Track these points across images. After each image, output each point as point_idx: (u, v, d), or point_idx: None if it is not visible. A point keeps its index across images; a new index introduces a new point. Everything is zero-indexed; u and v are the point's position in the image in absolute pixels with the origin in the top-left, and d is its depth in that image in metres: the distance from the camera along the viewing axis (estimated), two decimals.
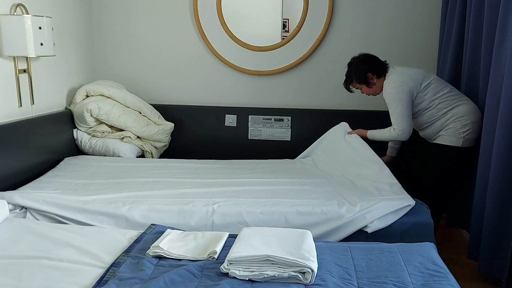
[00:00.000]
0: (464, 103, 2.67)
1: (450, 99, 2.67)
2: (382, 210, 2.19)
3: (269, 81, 3.60)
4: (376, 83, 2.77)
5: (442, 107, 2.67)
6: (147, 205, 2.24)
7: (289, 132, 3.56)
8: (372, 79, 2.76)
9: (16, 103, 2.68)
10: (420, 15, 3.39)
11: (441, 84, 2.71)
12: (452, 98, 2.67)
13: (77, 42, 3.38)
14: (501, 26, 2.29)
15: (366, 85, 2.79)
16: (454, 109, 2.65)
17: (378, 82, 2.77)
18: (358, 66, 2.78)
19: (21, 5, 2.65)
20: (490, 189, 2.32)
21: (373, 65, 2.76)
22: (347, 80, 2.83)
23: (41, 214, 2.22)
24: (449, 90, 2.70)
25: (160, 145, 3.43)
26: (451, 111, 2.66)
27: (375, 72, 2.75)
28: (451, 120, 2.65)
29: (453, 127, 2.65)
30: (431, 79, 2.70)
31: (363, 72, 2.75)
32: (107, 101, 3.19)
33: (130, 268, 1.64)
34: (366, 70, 2.75)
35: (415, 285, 1.53)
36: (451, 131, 2.65)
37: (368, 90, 2.81)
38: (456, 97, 2.69)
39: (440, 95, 2.67)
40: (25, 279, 1.57)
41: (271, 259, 1.58)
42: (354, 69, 2.78)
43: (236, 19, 3.51)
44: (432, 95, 2.68)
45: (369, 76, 2.75)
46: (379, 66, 2.76)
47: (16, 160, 2.54)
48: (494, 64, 2.35)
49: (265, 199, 2.32)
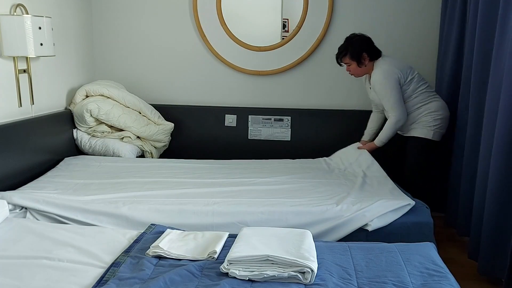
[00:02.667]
0: (437, 100, 2.88)
1: (425, 95, 2.86)
2: (381, 208, 2.20)
3: (269, 81, 3.60)
4: (367, 65, 2.85)
5: (417, 101, 2.85)
6: (147, 205, 2.24)
7: (289, 132, 3.56)
8: (365, 59, 2.83)
9: (16, 103, 2.68)
10: (420, 15, 3.39)
11: (421, 80, 2.87)
12: (428, 94, 2.86)
13: (77, 42, 3.38)
14: (501, 26, 2.29)
15: (357, 63, 2.84)
16: (428, 104, 2.85)
17: (368, 64, 2.85)
18: (357, 43, 2.84)
19: (21, 5, 2.65)
20: (490, 189, 2.32)
21: (370, 46, 2.85)
22: (341, 52, 2.87)
23: (41, 214, 2.22)
24: (426, 87, 2.87)
25: (160, 145, 3.43)
26: (424, 105, 2.85)
27: (370, 54, 2.84)
28: (423, 114, 2.85)
29: (425, 120, 2.85)
30: (415, 74, 2.86)
31: (360, 50, 2.82)
32: (107, 101, 3.19)
33: (130, 268, 1.64)
34: (363, 49, 2.82)
35: (415, 285, 1.54)
36: (423, 124, 2.86)
37: (356, 69, 2.87)
38: (430, 93, 2.88)
39: (418, 90, 2.85)
40: (25, 279, 1.57)
41: (271, 259, 1.58)
42: (353, 44, 2.83)
43: (236, 19, 3.51)
44: (413, 89, 2.84)
45: (364, 56, 2.82)
46: (375, 50, 2.86)
47: (16, 160, 2.54)
48: (494, 64, 2.35)
49: (265, 199, 2.32)
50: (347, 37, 2.90)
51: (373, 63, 2.86)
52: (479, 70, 2.61)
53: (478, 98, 2.66)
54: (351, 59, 2.84)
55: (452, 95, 3.03)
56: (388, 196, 2.34)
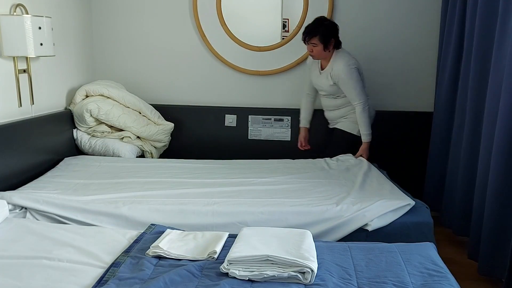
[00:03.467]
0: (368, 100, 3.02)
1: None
2: (381, 208, 2.19)
3: (269, 81, 3.60)
4: (330, 51, 2.94)
5: None
6: (147, 205, 2.24)
7: (289, 132, 3.56)
8: (331, 45, 2.91)
9: (16, 103, 2.68)
10: (420, 15, 3.39)
11: (363, 78, 3.03)
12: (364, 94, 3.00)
13: (77, 42, 3.38)
14: (501, 26, 2.29)
15: (323, 47, 2.89)
16: None
17: (331, 51, 2.94)
18: (329, 27, 2.91)
19: (21, 5, 2.65)
20: (489, 189, 2.32)
21: (337, 36, 2.95)
22: (311, 32, 2.89)
23: (41, 214, 2.22)
24: (363, 85, 3.01)
25: (160, 145, 3.43)
26: None
27: (336, 42, 2.94)
28: (353, 111, 3.02)
29: (353, 116, 3.03)
30: (362, 70, 3.02)
31: (331, 35, 2.90)
32: (106, 101, 3.19)
33: (130, 268, 1.64)
34: (333, 35, 2.91)
35: (415, 285, 1.53)
36: (351, 119, 3.06)
37: (321, 52, 2.92)
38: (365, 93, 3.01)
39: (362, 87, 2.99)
40: (25, 279, 1.57)
41: (271, 259, 1.58)
42: (326, 27, 2.89)
43: (236, 19, 3.51)
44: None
45: (331, 41, 2.91)
46: (339, 40, 2.96)
47: (16, 160, 2.54)
48: (494, 64, 2.35)
49: (265, 199, 2.32)
50: (318, 18, 2.95)
51: (333, 52, 2.95)
52: (479, 70, 2.61)
53: (478, 97, 2.66)
54: (319, 41, 2.87)
55: (452, 94, 3.03)
56: (388, 196, 2.33)
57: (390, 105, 3.50)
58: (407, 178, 3.25)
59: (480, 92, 2.62)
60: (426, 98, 3.47)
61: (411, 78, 3.49)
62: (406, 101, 3.51)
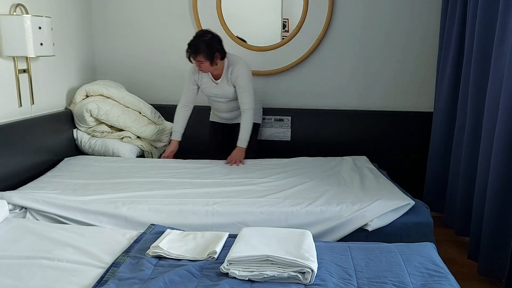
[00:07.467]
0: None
1: None
2: (381, 208, 2.19)
3: (269, 81, 3.60)
4: (218, 64, 2.87)
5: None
6: (147, 205, 2.24)
7: (289, 132, 3.56)
8: (217, 58, 2.84)
9: (16, 103, 2.68)
10: (420, 15, 3.39)
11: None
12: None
13: (77, 42, 3.38)
14: (501, 26, 2.29)
15: (210, 63, 2.82)
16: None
17: (219, 63, 2.89)
18: (211, 43, 2.80)
19: (20, 5, 2.65)
20: (490, 189, 2.32)
21: (222, 46, 2.87)
22: (195, 51, 2.79)
23: (40, 214, 2.22)
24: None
25: (160, 145, 3.43)
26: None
27: (222, 54, 2.86)
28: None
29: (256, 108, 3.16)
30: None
31: (214, 50, 2.80)
32: (106, 101, 3.19)
33: (129, 268, 1.64)
34: (216, 49, 2.82)
35: (415, 285, 1.53)
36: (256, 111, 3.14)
37: (208, 67, 2.86)
38: None
39: None
40: (25, 279, 1.57)
41: (271, 259, 1.58)
42: (207, 44, 2.79)
43: (236, 19, 3.51)
44: None
45: (216, 56, 2.82)
46: (224, 49, 2.88)
47: (16, 160, 2.54)
48: (494, 64, 2.35)
49: (265, 199, 2.32)
50: (198, 34, 2.84)
51: (223, 61, 2.90)
52: (479, 69, 2.61)
53: (478, 97, 2.66)
54: (205, 59, 2.80)
55: (452, 94, 3.03)
56: (388, 196, 2.33)
57: (390, 105, 3.50)
58: (407, 178, 3.25)
59: (480, 92, 2.62)
60: (426, 98, 3.47)
61: (411, 78, 3.48)
62: (406, 101, 3.50)
